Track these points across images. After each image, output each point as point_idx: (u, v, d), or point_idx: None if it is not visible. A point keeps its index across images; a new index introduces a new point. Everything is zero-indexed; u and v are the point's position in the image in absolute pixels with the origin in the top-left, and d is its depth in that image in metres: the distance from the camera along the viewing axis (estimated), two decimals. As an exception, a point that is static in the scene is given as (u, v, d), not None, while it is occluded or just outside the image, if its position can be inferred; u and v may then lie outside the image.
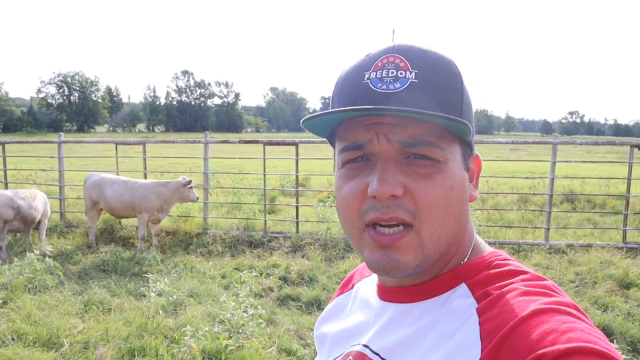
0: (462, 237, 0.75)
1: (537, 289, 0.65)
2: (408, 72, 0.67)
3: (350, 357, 0.78)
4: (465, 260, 0.74)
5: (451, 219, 0.69)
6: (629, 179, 8.04)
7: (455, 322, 0.66)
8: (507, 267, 0.71)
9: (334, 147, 0.77)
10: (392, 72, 0.68)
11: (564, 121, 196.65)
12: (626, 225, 8.02)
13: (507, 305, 0.63)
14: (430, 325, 0.69)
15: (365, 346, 0.76)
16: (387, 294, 0.79)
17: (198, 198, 7.76)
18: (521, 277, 0.68)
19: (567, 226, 9.00)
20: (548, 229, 7.96)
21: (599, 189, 12.35)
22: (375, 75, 0.68)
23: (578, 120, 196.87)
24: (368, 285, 0.88)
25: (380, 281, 0.82)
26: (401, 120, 0.66)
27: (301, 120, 0.71)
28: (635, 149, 8.30)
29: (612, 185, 12.56)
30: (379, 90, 0.67)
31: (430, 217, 0.67)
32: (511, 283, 0.67)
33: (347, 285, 0.97)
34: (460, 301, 0.69)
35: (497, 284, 0.68)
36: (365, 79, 0.69)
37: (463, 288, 0.71)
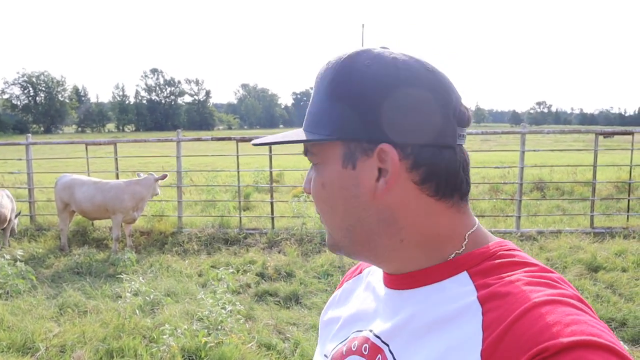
0: (373, 229, 0.74)
1: (541, 279, 0.65)
2: (313, 91, 0.78)
3: (356, 342, 0.80)
4: (462, 250, 0.74)
5: (334, 211, 0.76)
6: (594, 166, 8.27)
7: (453, 307, 0.67)
8: (512, 257, 0.71)
9: None
10: (312, 90, 0.80)
11: (532, 111, 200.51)
12: (593, 210, 8.25)
13: (510, 295, 0.63)
14: (429, 310, 0.70)
15: (370, 331, 0.78)
16: (390, 281, 0.80)
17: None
18: (526, 268, 0.69)
19: (537, 214, 9.22)
20: (519, 217, 8.15)
21: (566, 176, 12.66)
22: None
23: (546, 111, 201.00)
24: (376, 272, 0.89)
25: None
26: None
27: (252, 142, 0.86)
28: (600, 137, 8.54)
29: (579, 172, 12.88)
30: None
31: (318, 210, 0.79)
32: (515, 274, 0.67)
33: (355, 270, 0.98)
34: (460, 288, 0.69)
35: (500, 275, 0.68)
36: None
37: (464, 276, 0.71)
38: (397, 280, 0.78)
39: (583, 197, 10.35)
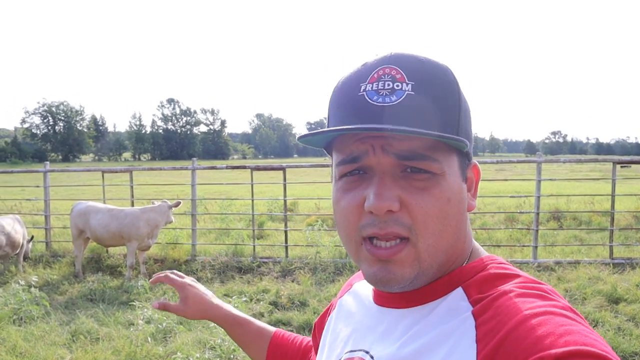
0: (460, 247, 0.74)
1: (533, 291, 0.65)
2: (404, 84, 0.67)
3: None
4: (464, 263, 0.74)
5: (448, 230, 0.69)
6: (612, 195, 8.14)
7: (449, 325, 0.66)
8: (503, 270, 0.71)
9: (331, 157, 0.76)
10: (389, 85, 0.67)
11: (547, 141, 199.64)
12: (612, 241, 8.10)
13: (503, 307, 0.63)
14: (425, 329, 0.68)
15: (366, 352, 0.76)
16: (383, 299, 0.78)
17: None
18: (517, 280, 0.68)
19: (555, 244, 9.07)
20: (536, 247, 8.02)
21: (584, 206, 12.48)
22: (372, 88, 0.68)
23: (561, 140, 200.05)
24: (365, 287, 0.87)
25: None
26: (397, 134, 0.65)
27: (297, 137, 0.72)
28: (618, 166, 8.43)
29: (597, 202, 12.70)
30: (375, 103, 0.67)
31: (426, 230, 0.67)
32: (507, 286, 0.67)
33: (347, 288, 0.96)
34: (455, 304, 0.69)
35: (493, 287, 0.68)
36: (362, 90, 0.68)
37: (458, 292, 0.70)
38: (392, 299, 0.76)
39: (601, 227, 10.17)
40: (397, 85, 0.67)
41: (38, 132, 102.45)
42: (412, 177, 0.67)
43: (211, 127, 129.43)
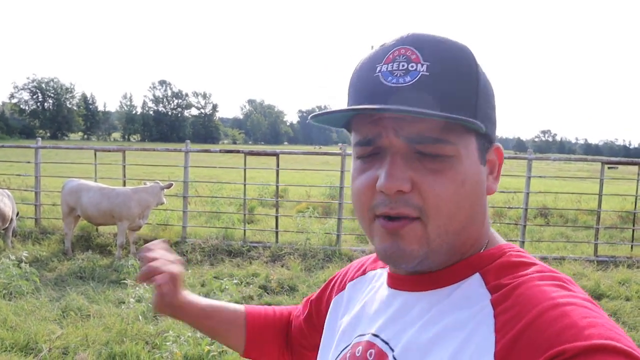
0: (478, 230, 0.73)
1: (553, 281, 0.64)
2: (419, 65, 0.66)
3: (360, 347, 0.76)
4: (482, 249, 0.73)
5: (461, 213, 0.68)
6: (600, 195, 8.27)
7: (467, 312, 0.65)
8: (521, 258, 0.70)
9: (351, 136, 0.76)
10: (403, 65, 0.66)
11: (536, 139, 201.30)
12: (597, 239, 8.25)
13: (523, 297, 0.62)
14: (441, 315, 0.67)
15: (375, 335, 0.74)
16: (397, 281, 0.77)
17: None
18: (535, 268, 0.67)
19: (541, 239, 9.22)
20: (523, 242, 8.14)
21: (571, 204, 12.65)
22: (387, 68, 0.67)
23: (550, 139, 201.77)
24: (381, 274, 0.86)
25: (391, 269, 0.80)
26: (408, 116, 0.65)
27: (310, 117, 0.72)
28: (606, 166, 8.56)
29: (584, 200, 12.89)
30: (389, 84, 0.66)
31: (438, 212, 0.66)
32: (526, 275, 0.65)
33: (358, 270, 0.94)
34: (473, 291, 0.67)
35: (512, 275, 0.66)
36: (377, 71, 0.68)
37: (476, 278, 0.69)
38: (406, 282, 0.75)
39: (587, 226, 10.34)
40: (412, 66, 0.66)
41: (27, 108, 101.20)
42: (425, 159, 0.66)
43: (202, 110, 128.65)
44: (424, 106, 0.63)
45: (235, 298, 5.22)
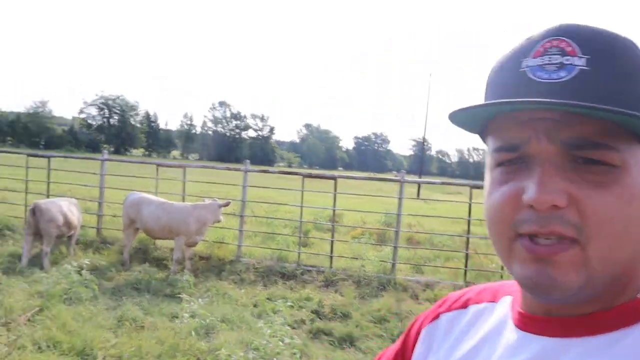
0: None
1: None
2: (577, 59, 0.55)
3: None
4: None
5: (629, 238, 0.55)
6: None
7: None
8: None
9: (486, 143, 0.65)
10: (557, 59, 0.56)
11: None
12: None
13: None
14: None
15: None
16: (531, 323, 0.63)
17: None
18: None
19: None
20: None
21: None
22: (536, 63, 0.57)
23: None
24: (495, 310, 0.72)
25: (524, 306, 0.65)
26: (566, 117, 0.54)
27: (448, 114, 0.62)
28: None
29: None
30: (539, 80, 0.56)
31: (600, 233, 0.54)
32: None
33: (456, 302, 0.78)
34: None
35: None
36: (523, 66, 0.58)
37: None
38: (546, 324, 0.61)
39: None
40: (567, 60, 0.55)
41: (94, 123, 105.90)
42: (584, 170, 0.54)
43: (260, 133, 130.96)
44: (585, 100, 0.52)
45: (288, 321, 5.12)
